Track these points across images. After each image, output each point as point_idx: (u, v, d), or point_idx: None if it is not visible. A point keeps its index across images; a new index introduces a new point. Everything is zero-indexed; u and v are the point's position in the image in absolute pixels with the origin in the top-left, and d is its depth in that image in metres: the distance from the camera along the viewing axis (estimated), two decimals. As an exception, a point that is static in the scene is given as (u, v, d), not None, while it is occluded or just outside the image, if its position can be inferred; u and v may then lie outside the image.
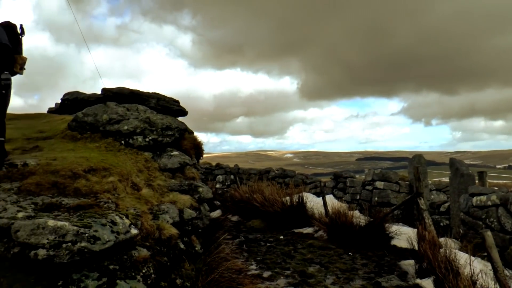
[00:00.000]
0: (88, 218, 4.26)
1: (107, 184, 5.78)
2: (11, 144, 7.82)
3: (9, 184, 5.25)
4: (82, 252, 3.64)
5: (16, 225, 3.74)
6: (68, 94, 15.57)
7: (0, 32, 5.63)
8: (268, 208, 12.26)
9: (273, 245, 9.74)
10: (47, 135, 9.02)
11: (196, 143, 10.66)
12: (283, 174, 25.69)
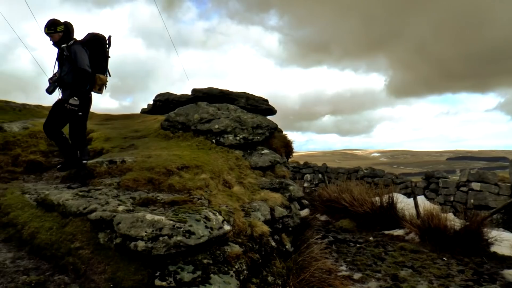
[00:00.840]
0: (183, 213, 4.77)
1: (199, 181, 6.33)
2: (110, 142, 8.97)
3: (110, 179, 6.12)
4: (177, 245, 4.11)
5: (118, 217, 4.38)
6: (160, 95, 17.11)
7: (82, 55, 5.95)
8: (357, 208, 12.55)
9: (363, 247, 9.99)
10: (141, 134, 10.12)
11: (286, 141, 11.11)
12: (372, 173, 26.62)
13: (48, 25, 5.86)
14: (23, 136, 9.80)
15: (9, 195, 6.07)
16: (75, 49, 5.95)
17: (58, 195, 5.38)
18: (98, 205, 4.88)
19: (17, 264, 4.19)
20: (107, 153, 8.31)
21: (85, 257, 4.16)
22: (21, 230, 4.99)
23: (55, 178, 6.94)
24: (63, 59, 6.00)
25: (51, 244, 4.44)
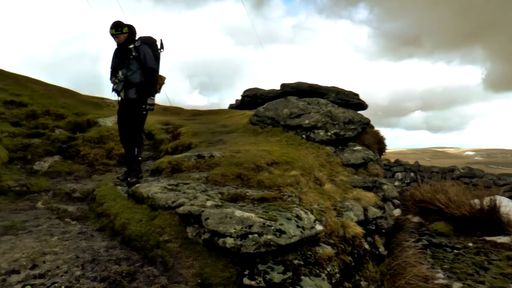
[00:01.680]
0: (273, 211, 4.72)
1: (289, 178, 6.26)
2: (198, 137, 9.27)
3: (198, 174, 6.30)
4: (268, 244, 4.06)
5: (206, 213, 4.44)
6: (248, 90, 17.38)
7: (147, 54, 6.37)
8: (453, 211, 11.78)
9: (461, 253, 9.33)
10: (229, 129, 10.33)
11: (378, 137, 10.74)
12: (470, 173, 24.77)
13: (115, 26, 6.28)
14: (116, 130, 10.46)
15: (103, 187, 6.51)
16: (143, 49, 6.35)
17: (147, 188, 5.64)
18: (186, 199, 5.01)
19: (110, 253, 4.44)
20: (195, 147, 8.58)
21: (174, 250, 4.28)
22: (114, 220, 5.31)
23: (145, 171, 7.30)
24: (130, 59, 6.35)
25: (141, 236, 4.65)
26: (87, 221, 5.72)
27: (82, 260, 4.18)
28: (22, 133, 9.54)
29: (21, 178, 7.39)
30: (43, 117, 10.54)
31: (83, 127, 10.70)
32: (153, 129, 11.30)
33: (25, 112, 10.58)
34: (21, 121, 10.15)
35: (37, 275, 3.77)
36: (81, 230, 5.29)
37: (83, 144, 9.30)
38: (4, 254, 4.29)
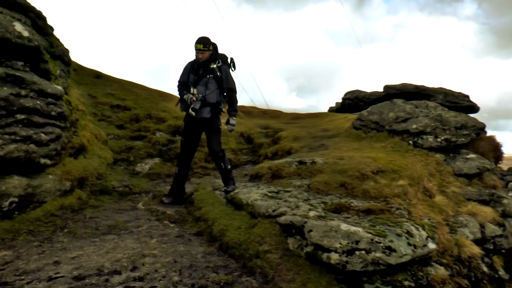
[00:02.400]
0: (380, 225, 4.42)
1: (397, 188, 5.89)
2: (299, 142, 9.14)
3: (299, 181, 6.16)
4: (376, 262, 3.78)
5: (309, 224, 4.28)
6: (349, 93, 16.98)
7: (229, 74, 6.39)
8: None
9: None
10: (331, 133, 10.08)
11: (494, 144, 9.84)
12: None
13: (203, 41, 6.26)
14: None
15: (202, 190, 6.62)
16: (225, 69, 6.37)
17: (247, 194, 5.61)
18: (287, 208, 4.89)
19: (208, 260, 4.44)
20: (296, 152, 8.47)
21: (274, 262, 4.16)
22: (212, 225, 5.34)
23: (244, 176, 7.33)
24: (209, 78, 6.32)
25: (239, 244, 4.61)
26: (185, 225, 5.83)
27: (180, 265, 4.23)
28: (126, 135, 10.15)
29: (124, 179, 7.81)
30: (145, 120, 11.14)
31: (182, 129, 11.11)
32: (252, 133, 11.41)
33: (129, 116, 11.27)
34: (125, 124, 10.82)
35: (136, 277, 3.86)
36: (179, 234, 5.40)
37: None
38: (108, 253, 4.49)
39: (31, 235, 5.09)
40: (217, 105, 6.42)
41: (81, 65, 15.36)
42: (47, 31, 6.70)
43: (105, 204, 6.65)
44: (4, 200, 5.20)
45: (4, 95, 5.35)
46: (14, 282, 3.72)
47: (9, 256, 4.37)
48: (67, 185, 6.23)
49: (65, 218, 5.71)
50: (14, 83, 5.56)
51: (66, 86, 7.62)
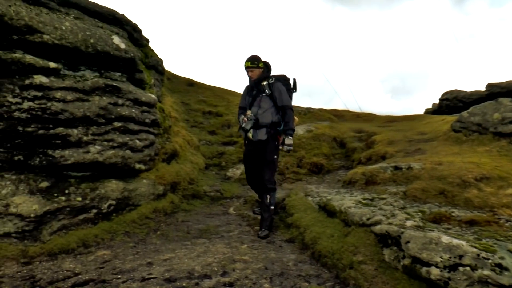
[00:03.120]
0: (487, 238, 4.00)
1: (505, 197, 5.33)
2: (394, 146, 8.72)
3: (395, 187, 5.82)
4: (484, 281, 3.40)
5: (406, 235, 3.98)
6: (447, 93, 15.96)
7: (282, 91, 5.83)
8: None
9: None
10: (428, 137, 9.49)
11: None
12: None
13: (251, 59, 5.91)
14: (307, 138, 10.64)
15: (293, 196, 6.52)
16: (278, 86, 5.87)
17: (340, 201, 5.42)
18: (382, 216, 4.62)
19: (299, 268, 4.32)
20: (391, 157, 8.08)
21: (368, 273, 3.93)
22: (303, 232, 5.22)
23: (337, 182, 7.13)
24: (262, 96, 5.88)
25: (332, 253, 4.43)
26: (277, 231, 5.77)
27: (271, 272, 4.15)
28: (218, 141, 10.37)
29: (215, 183, 7.95)
30: (236, 126, 11.32)
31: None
32: (345, 137, 11.14)
33: (221, 122, 11.52)
34: (217, 130, 11.08)
35: (226, 283, 3.85)
36: (271, 240, 5.34)
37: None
38: (199, 257, 4.55)
39: (127, 236, 5.35)
40: (274, 126, 5.89)
41: (175, 74, 16.05)
42: (142, 42, 7.03)
43: (196, 208, 6.79)
44: (103, 202, 5.58)
45: (104, 104, 5.73)
46: (111, 281, 3.90)
47: (107, 255, 4.61)
48: (160, 189, 6.46)
49: (158, 221, 5.92)
50: (112, 93, 5.93)
51: (160, 95, 7.93)
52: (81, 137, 5.53)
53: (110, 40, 5.89)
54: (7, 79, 5.05)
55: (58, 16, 5.48)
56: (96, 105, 5.64)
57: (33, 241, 4.82)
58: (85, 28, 5.60)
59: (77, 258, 4.57)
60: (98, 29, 5.83)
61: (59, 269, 4.21)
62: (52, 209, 5.10)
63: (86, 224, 5.34)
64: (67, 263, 4.39)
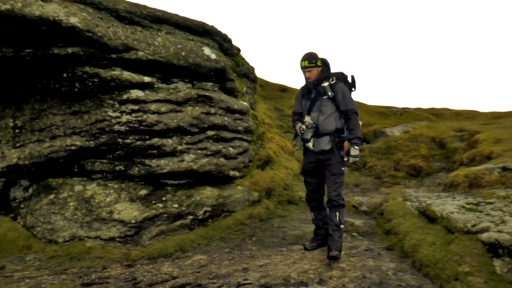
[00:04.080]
0: None
1: None
2: (500, 145, 7.98)
3: (504, 191, 5.29)
4: None
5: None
6: None
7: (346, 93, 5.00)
8: None
9: None
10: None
11: None
12: None
13: (308, 57, 5.06)
14: (404, 140, 10.14)
15: (391, 201, 6.22)
16: (341, 88, 5.01)
17: (441, 206, 5.06)
18: (490, 223, 4.22)
19: (399, 278, 4.10)
20: (497, 157, 7.41)
21: (476, 286, 3.59)
22: (403, 240, 4.96)
23: (437, 185, 6.69)
24: (322, 100, 5.03)
25: (435, 262, 4.13)
26: (374, 238, 5.54)
27: (369, 281, 3.98)
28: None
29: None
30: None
31: (369, 137, 10.79)
32: (444, 137, 10.48)
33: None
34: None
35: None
36: (368, 247, 5.13)
37: (369, 155, 9.32)
38: (295, 263, 4.49)
39: (223, 241, 5.45)
40: (338, 133, 5.03)
41: (267, 81, 16.22)
42: (232, 51, 7.16)
43: (292, 214, 6.75)
44: (199, 209, 5.77)
45: (196, 114, 5.92)
46: (207, 285, 3.98)
47: (204, 260, 4.72)
48: (255, 196, 6.52)
49: (253, 227, 5.96)
50: (204, 102, 6.11)
51: (253, 102, 8.02)
52: (176, 146, 5.76)
53: (201, 51, 6.07)
54: (107, 95, 5.44)
55: (151, 32, 5.75)
56: (189, 115, 5.84)
57: (134, 245, 5.12)
58: (176, 42, 5.83)
59: (175, 262, 4.75)
60: (189, 42, 6.05)
61: (158, 272, 4.40)
62: (150, 215, 5.40)
63: (182, 230, 5.56)
64: (166, 266, 4.57)
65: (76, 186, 5.65)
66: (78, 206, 5.42)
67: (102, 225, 5.26)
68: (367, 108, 14.79)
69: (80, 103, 5.49)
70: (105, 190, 5.53)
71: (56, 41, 5.00)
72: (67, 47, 5.03)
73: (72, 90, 5.37)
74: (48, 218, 5.43)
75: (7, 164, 5.65)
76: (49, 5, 4.75)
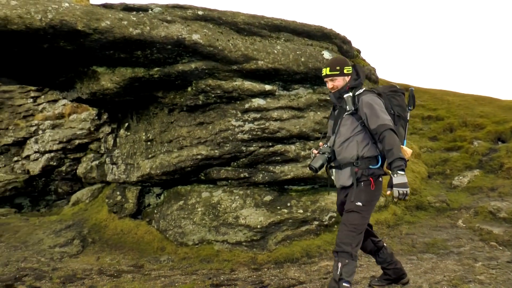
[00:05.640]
0: None
1: None
2: None
3: None
4: None
5: None
6: None
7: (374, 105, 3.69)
8: None
9: None
10: None
11: None
12: None
13: (331, 63, 3.96)
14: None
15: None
16: (367, 99, 3.73)
17: None
18: None
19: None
20: None
21: None
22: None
23: None
24: (342, 118, 3.85)
25: None
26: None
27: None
28: (440, 147, 9.69)
29: (440, 193, 7.40)
30: (460, 129, 10.40)
31: (505, 136, 9.83)
32: None
33: (442, 126, 10.74)
34: (438, 135, 10.36)
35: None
36: (511, 259, 4.66)
37: (507, 156, 8.48)
38: (426, 273, 4.32)
39: (350, 248, 5.36)
40: (365, 163, 3.70)
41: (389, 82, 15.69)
42: (352, 53, 7.09)
43: (421, 221, 6.43)
44: (324, 214, 5.80)
45: (319, 119, 6.00)
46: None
47: (331, 267, 4.77)
48: (381, 201, 6.37)
49: (380, 233, 5.81)
50: (326, 107, 6.13)
51: (375, 103, 7.86)
52: (299, 152, 5.88)
53: (320, 56, 6.11)
54: (230, 105, 5.76)
55: (269, 41, 5.94)
56: (311, 120, 5.92)
57: (261, 250, 5.31)
58: (295, 48, 5.93)
59: (301, 267, 4.81)
60: (307, 47, 6.11)
61: (284, 276, 4.50)
62: (276, 220, 5.57)
63: (308, 235, 5.62)
64: (292, 271, 4.65)
65: (203, 193, 6.03)
66: (205, 211, 5.81)
67: (229, 229, 5.57)
68: (501, 103, 13.52)
69: (204, 115, 5.89)
70: (231, 196, 5.84)
71: (180, 58, 5.47)
72: (191, 63, 5.47)
73: (197, 103, 5.81)
74: (179, 223, 5.91)
75: (141, 173, 6.27)
76: (173, 25, 5.25)
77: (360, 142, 3.71)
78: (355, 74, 3.93)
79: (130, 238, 6.22)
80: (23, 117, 10.18)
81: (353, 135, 3.74)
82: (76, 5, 4.96)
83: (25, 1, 4.71)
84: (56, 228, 6.73)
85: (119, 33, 4.94)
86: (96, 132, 8.97)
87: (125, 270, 5.18)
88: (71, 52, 5.14)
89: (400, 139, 3.68)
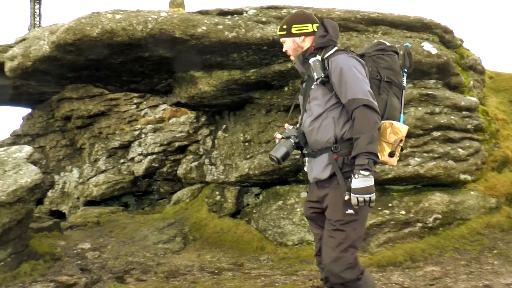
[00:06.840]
0: None
1: None
2: None
3: None
4: None
5: None
6: None
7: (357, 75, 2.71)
8: None
9: None
10: None
11: None
12: None
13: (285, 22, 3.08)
14: None
15: None
16: (339, 63, 2.76)
17: None
18: None
19: None
20: None
21: None
22: None
23: None
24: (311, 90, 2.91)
25: None
26: None
27: None
28: None
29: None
30: None
31: None
32: None
33: None
34: None
35: None
36: None
37: None
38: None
39: (457, 253, 5.09)
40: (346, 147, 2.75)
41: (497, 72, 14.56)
42: (455, 43, 6.69)
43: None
44: (428, 216, 5.51)
45: (420, 115, 5.73)
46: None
47: (437, 272, 4.50)
48: (492, 202, 5.92)
49: (493, 238, 5.40)
50: (428, 102, 5.87)
51: (482, 96, 7.36)
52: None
53: (420, 47, 5.86)
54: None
55: (366, 36, 5.79)
56: (412, 116, 5.68)
57: (362, 252, 5.19)
58: (394, 41, 5.70)
59: (405, 272, 4.62)
60: (406, 40, 5.86)
61: (388, 281, 4.35)
62: (377, 222, 5.41)
63: (411, 238, 5.40)
64: (396, 276, 4.49)
65: (302, 193, 5.96)
66: (305, 212, 5.77)
67: (329, 230, 5.47)
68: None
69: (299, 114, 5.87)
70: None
71: (276, 58, 5.54)
72: (287, 63, 5.52)
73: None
74: (278, 223, 5.94)
75: (239, 174, 6.41)
76: (268, 26, 5.35)
77: (337, 119, 2.78)
78: (323, 30, 2.94)
79: (229, 237, 6.38)
80: (127, 122, 10.90)
81: (326, 110, 2.81)
82: (173, 14, 5.28)
83: (128, 13, 5.08)
84: (159, 226, 7.11)
85: (215, 38, 5.13)
86: (195, 134, 9.32)
87: (225, 268, 5.31)
88: (169, 59, 5.47)
89: (393, 112, 2.90)
